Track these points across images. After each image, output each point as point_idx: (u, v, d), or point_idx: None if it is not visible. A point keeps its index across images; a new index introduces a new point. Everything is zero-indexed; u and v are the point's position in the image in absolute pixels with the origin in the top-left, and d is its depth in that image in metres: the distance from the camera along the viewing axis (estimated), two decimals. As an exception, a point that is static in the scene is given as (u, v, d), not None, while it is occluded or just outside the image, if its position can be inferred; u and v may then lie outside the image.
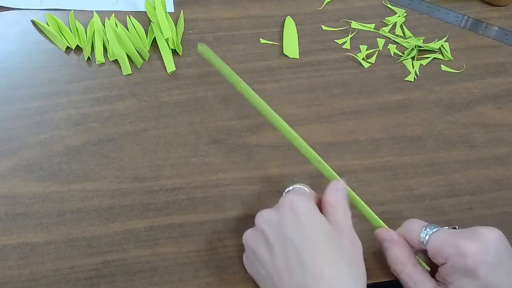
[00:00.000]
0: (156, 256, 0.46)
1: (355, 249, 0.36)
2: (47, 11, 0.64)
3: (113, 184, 0.50)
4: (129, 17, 0.64)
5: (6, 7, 0.64)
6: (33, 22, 0.63)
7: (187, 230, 0.48)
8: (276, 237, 0.36)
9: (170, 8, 0.67)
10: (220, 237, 0.47)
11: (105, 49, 0.61)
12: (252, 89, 0.59)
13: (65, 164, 0.51)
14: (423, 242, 0.39)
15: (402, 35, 0.67)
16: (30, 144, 0.52)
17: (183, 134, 0.54)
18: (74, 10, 0.64)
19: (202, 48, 0.47)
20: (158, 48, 0.61)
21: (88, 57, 0.60)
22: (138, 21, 0.63)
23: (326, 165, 0.44)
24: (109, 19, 0.63)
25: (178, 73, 0.60)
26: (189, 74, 0.60)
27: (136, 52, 0.60)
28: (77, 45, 0.61)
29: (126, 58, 0.60)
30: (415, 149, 0.55)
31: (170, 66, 0.59)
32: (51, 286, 0.44)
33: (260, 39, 0.64)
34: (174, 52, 0.62)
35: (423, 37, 0.66)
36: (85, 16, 0.63)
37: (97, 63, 0.59)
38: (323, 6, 0.69)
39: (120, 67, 0.59)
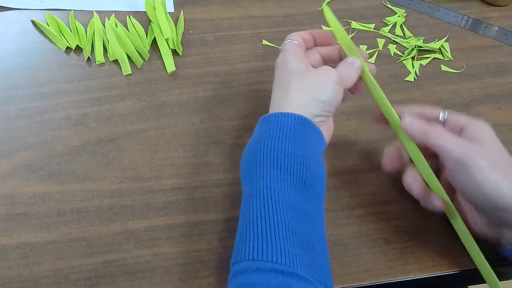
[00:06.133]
0: (156, 256, 0.46)
1: (316, 81, 0.45)
2: (47, 11, 0.64)
3: (113, 184, 0.50)
4: (129, 17, 0.64)
5: (6, 7, 0.64)
6: (33, 22, 0.63)
7: (187, 230, 0.48)
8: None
9: (170, 8, 0.67)
10: (220, 237, 0.47)
11: (105, 49, 0.61)
12: (252, 89, 0.59)
13: (65, 164, 0.51)
14: (443, 117, 0.45)
15: (402, 35, 0.67)
16: (30, 144, 0.52)
17: (183, 134, 0.54)
18: (74, 10, 0.64)
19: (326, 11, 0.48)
20: (158, 48, 0.61)
21: (88, 57, 0.60)
22: (138, 21, 0.64)
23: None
24: (109, 19, 0.63)
25: (178, 73, 0.60)
26: (189, 74, 0.60)
27: (136, 52, 0.60)
28: (77, 45, 0.61)
29: (126, 58, 0.60)
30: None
31: (170, 66, 0.59)
32: (51, 286, 0.44)
33: (263, 40, 0.64)
34: (174, 52, 0.62)
35: (423, 37, 0.66)
36: (85, 16, 0.63)
37: (97, 63, 0.59)
38: (323, 6, 0.69)
39: (120, 67, 0.59)
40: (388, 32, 0.67)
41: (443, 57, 0.65)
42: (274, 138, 0.42)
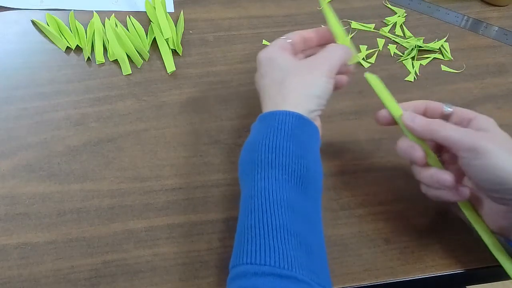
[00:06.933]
0: (156, 256, 0.46)
1: (309, 76, 0.45)
2: (47, 11, 0.64)
3: (113, 184, 0.50)
4: (129, 17, 0.64)
5: (6, 7, 0.64)
6: (33, 22, 0.63)
7: (187, 230, 0.48)
8: (257, 76, 0.49)
9: (170, 8, 0.67)
10: (220, 237, 0.47)
11: (105, 49, 0.61)
12: (252, 89, 0.59)
13: (65, 164, 0.51)
14: (448, 111, 0.46)
15: (402, 35, 0.67)
16: (30, 144, 0.52)
17: (183, 134, 0.54)
18: (74, 10, 0.64)
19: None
20: (158, 48, 0.61)
21: (88, 57, 0.60)
22: (138, 21, 0.64)
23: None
24: (109, 19, 0.63)
25: (178, 73, 0.60)
26: (189, 74, 0.60)
27: (136, 52, 0.60)
28: (77, 45, 0.61)
29: (126, 58, 0.60)
30: (415, 149, 0.55)
31: (170, 66, 0.59)
32: (51, 286, 0.44)
33: (263, 40, 0.64)
34: (174, 52, 0.62)
35: (423, 37, 0.66)
36: (85, 16, 0.63)
37: (97, 63, 0.59)
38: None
39: (120, 67, 0.59)
40: (388, 32, 0.67)
41: (443, 57, 0.65)
42: (272, 137, 0.42)
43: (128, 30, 0.62)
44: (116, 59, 0.60)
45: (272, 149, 0.41)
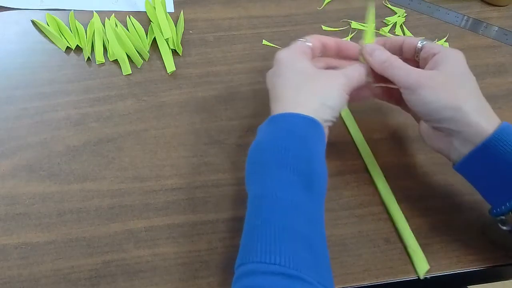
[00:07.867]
0: (156, 256, 0.46)
1: (326, 87, 0.46)
2: (47, 11, 0.64)
3: (113, 184, 0.50)
4: (129, 17, 0.64)
5: (6, 7, 0.64)
6: (33, 22, 0.63)
7: (187, 230, 0.48)
8: (271, 73, 0.49)
9: (170, 8, 0.67)
10: (220, 237, 0.47)
11: (105, 49, 0.61)
12: (252, 89, 0.59)
13: (65, 164, 0.51)
14: (420, 46, 0.49)
15: (402, 35, 0.67)
16: (30, 144, 0.52)
17: (183, 134, 0.54)
18: (74, 10, 0.64)
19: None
20: (158, 48, 0.61)
21: (88, 57, 0.60)
22: (138, 21, 0.63)
23: None
24: (109, 19, 0.63)
25: (178, 73, 0.60)
26: (189, 74, 0.60)
27: (136, 52, 0.60)
28: (77, 45, 0.61)
29: (126, 58, 0.60)
30: (415, 149, 0.55)
31: (170, 66, 0.59)
32: (51, 286, 0.44)
33: (263, 40, 0.64)
34: (174, 52, 0.62)
35: (423, 37, 0.66)
36: (85, 16, 0.63)
37: (97, 63, 0.59)
38: (323, 6, 0.69)
39: (120, 67, 0.59)
40: (388, 32, 0.67)
41: (443, 57, 0.65)
42: (283, 139, 0.42)
43: (128, 30, 0.62)
44: (116, 59, 0.60)
45: (282, 150, 0.41)
